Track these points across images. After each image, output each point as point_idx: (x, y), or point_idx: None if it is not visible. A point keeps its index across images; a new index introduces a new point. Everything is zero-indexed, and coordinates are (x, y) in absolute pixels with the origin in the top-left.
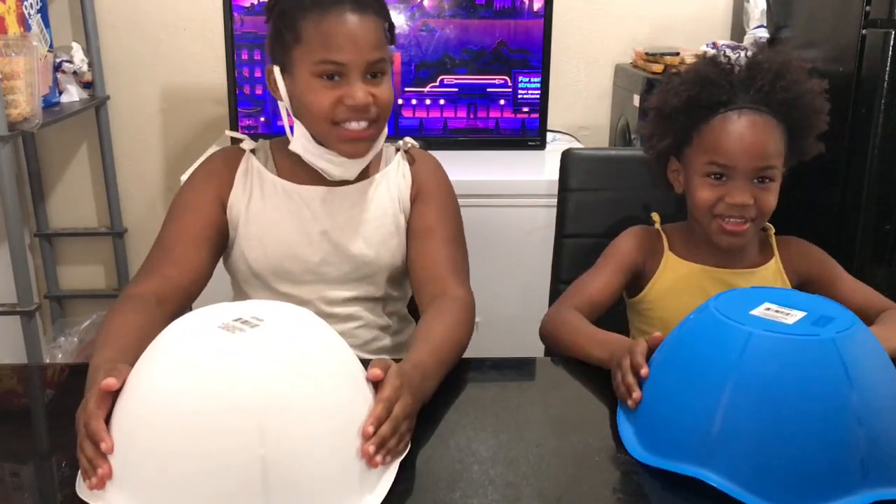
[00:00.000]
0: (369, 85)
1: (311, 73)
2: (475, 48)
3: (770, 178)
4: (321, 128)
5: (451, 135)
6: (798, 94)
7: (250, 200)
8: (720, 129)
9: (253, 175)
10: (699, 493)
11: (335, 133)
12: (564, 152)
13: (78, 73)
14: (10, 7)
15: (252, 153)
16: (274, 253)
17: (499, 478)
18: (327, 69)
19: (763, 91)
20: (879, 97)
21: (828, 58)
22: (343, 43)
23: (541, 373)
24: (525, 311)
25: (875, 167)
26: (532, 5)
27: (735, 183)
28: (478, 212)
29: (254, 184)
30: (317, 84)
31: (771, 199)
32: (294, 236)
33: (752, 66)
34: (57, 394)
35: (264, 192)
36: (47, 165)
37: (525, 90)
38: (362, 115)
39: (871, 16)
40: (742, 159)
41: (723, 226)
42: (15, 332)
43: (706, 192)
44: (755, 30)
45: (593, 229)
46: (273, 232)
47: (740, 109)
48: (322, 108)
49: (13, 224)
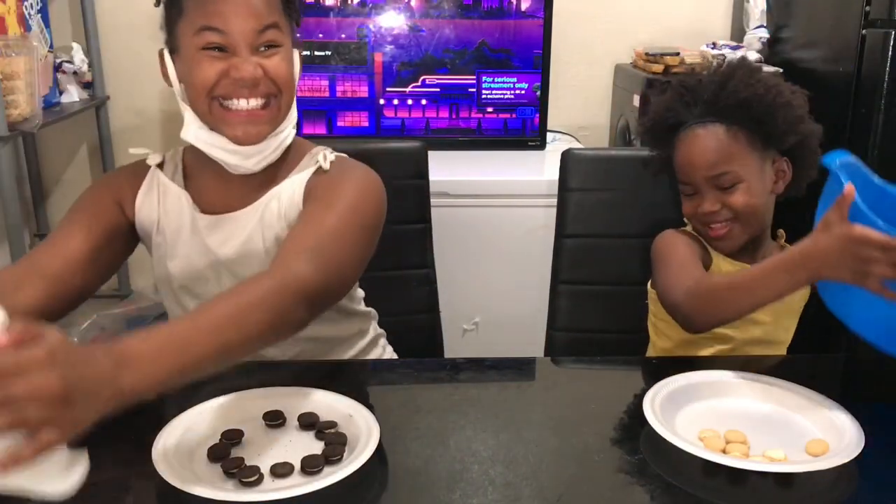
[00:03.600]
0: (260, 57)
1: (195, 46)
2: (457, 48)
3: (731, 181)
4: (205, 106)
5: (434, 135)
6: (744, 97)
7: (159, 216)
8: (677, 148)
9: (159, 189)
10: (699, 492)
11: (222, 115)
12: (564, 152)
13: (78, 73)
14: (10, 7)
15: (159, 167)
16: (176, 270)
17: (499, 478)
18: (210, 39)
19: (708, 103)
20: (879, 97)
21: (828, 58)
22: (224, 9)
23: (541, 373)
24: (525, 311)
25: (875, 167)
26: (520, 5)
27: (701, 194)
28: (478, 212)
29: (161, 198)
30: (201, 56)
31: (739, 199)
32: (195, 259)
33: (701, 83)
34: None
35: (171, 206)
36: (47, 165)
37: (489, 90)
38: (251, 92)
39: (871, 16)
40: (694, 173)
41: (710, 232)
42: None
43: (686, 206)
44: (755, 30)
45: (593, 229)
46: (175, 248)
47: (690, 126)
48: (205, 82)
49: (13, 224)
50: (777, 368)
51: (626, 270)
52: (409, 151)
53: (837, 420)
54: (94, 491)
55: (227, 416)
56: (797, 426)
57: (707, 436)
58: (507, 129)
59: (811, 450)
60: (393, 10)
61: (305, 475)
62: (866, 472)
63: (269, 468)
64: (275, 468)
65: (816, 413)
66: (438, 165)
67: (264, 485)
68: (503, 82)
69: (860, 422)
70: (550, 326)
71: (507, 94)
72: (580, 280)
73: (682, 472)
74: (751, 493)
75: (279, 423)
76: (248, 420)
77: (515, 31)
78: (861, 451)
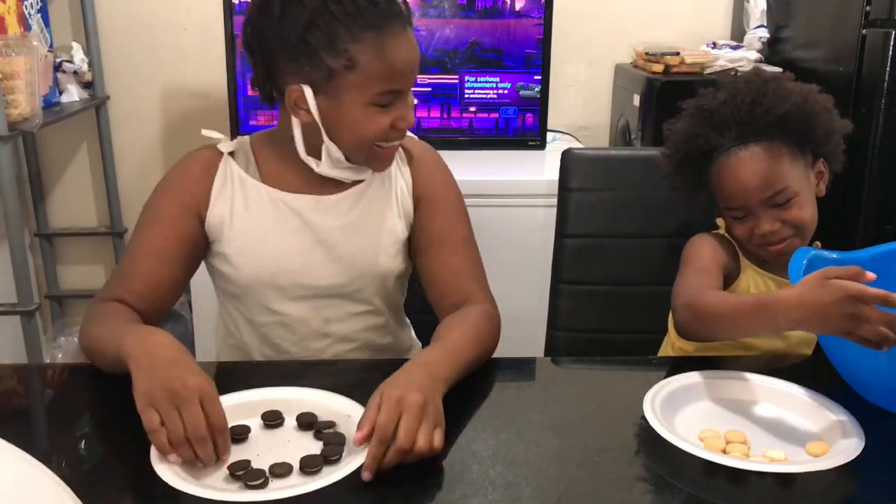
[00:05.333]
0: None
1: (367, 101)
2: (449, 48)
3: (786, 198)
4: (364, 149)
5: (425, 134)
6: (783, 113)
7: (233, 212)
8: (718, 175)
9: (234, 182)
10: (699, 492)
11: (376, 153)
12: (564, 152)
13: (78, 73)
14: (10, 7)
15: (231, 156)
16: (264, 267)
17: (499, 478)
18: (388, 99)
19: (744, 123)
20: (879, 97)
21: (828, 58)
22: (406, 69)
23: (541, 373)
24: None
25: (875, 167)
26: (514, 5)
27: (754, 216)
28: (478, 212)
29: (235, 192)
30: (373, 112)
31: (796, 213)
32: (284, 247)
33: (727, 103)
34: (57, 394)
35: (248, 200)
36: (47, 165)
37: (472, 90)
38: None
39: (871, 16)
40: (748, 198)
41: (770, 250)
42: (15, 332)
43: (739, 229)
44: (755, 30)
45: (593, 229)
46: (261, 243)
47: (728, 150)
48: (378, 134)
49: (13, 224)
50: (777, 368)
51: (627, 270)
52: None
53: (837, 420)
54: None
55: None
56: (797, 426)
57: (707, 436)
58: (497, 129)
59: (811, 450)
60: None
61: (304, 475)
62: (866, 473)
63: (269, 468)
64: (273, 468)
65: (816, 413)
66: None
67: (272, 485)
68: (486, 82)
69: (860, 422)
70: (550, 326)
71: (491, 93)
72: (580, 280)
73: (682, 472)
74: (751, 493)
75: (277, 422)
76: (247, 420)
77: (508, 31)
78: (861, 452)
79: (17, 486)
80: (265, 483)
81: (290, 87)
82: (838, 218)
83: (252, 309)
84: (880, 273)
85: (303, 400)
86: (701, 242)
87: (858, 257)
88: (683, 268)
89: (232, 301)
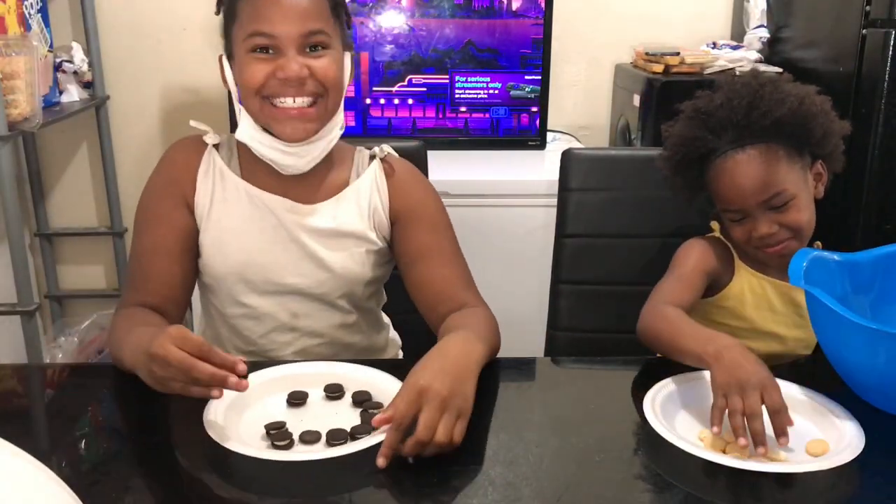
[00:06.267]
0: (307, 58)
1: (245, 49)
2: (444, 48)
3: (784, 200)
4: (256, 105)
5: (420, 134)
6: (779, 115)
7: (212, 202)
8: (716, 178)
9: (216, 174)
10: (699, 492)
11: (272, 113)
12: (564, 152)
13: (78, 73)
14: (10, 7)
15: (215, 148)
16: (235, 260)
17: (499, 478)
18: (258, 42)
19: (741, 126)
20: (879, 97)
21: (828, 58)
22: (273, 13)
23: (541, 373)
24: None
25: (875, 167)
26: (511, 5)
27: (752, 218)
28: (478, 212)
29: (216, 183)
30: (250, 58)
31: (794, 216)
32: (257, 243)
33: (724, 106)
34: (57, 394)
35: (226, 193)
36: (47, 165)
37: (462, 90)
38: (298, 91)
39: (871, 16)
40: (744, 200)
41: (767, 252)
42: (15, 332)
43: (736, 231)
44: (755, 30)
45: (593, 229)
46: (234, 237)
47: (725, 153)
48: (254, 82)
49: (13, 224)
50: (777, 368)
51: (627, 270)
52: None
53: (837, 420)
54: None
55: (293, 382)
56: (797, 426)
57: (707, 436)
58: (493, 129)
59: (811, 450)
60: (381, 9)
61: (329, 446)
62: (866, 472)
63: (300, 434)
64: (304, 434)
65: (816, 413)
66: (438, 165)
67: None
68: (476, 82)
69: (860, 422)
70: (550, 326)
71: (482, 93)
72: (580, 280)
73: (682, 472)
74: (751, 493)
75: (337, 395)
76: (310, 390)
77: (504, 31)
78: (861, 451)
79: (18, 486)
80: (289, 445)
81: (217, 57)
82: (838, 218)
83: (223, 300)
84: (880, 274)
85: (360, 379)
86: (689, 249)
87: (859, 259)
88: (667, 272)
89: (207, 292)
